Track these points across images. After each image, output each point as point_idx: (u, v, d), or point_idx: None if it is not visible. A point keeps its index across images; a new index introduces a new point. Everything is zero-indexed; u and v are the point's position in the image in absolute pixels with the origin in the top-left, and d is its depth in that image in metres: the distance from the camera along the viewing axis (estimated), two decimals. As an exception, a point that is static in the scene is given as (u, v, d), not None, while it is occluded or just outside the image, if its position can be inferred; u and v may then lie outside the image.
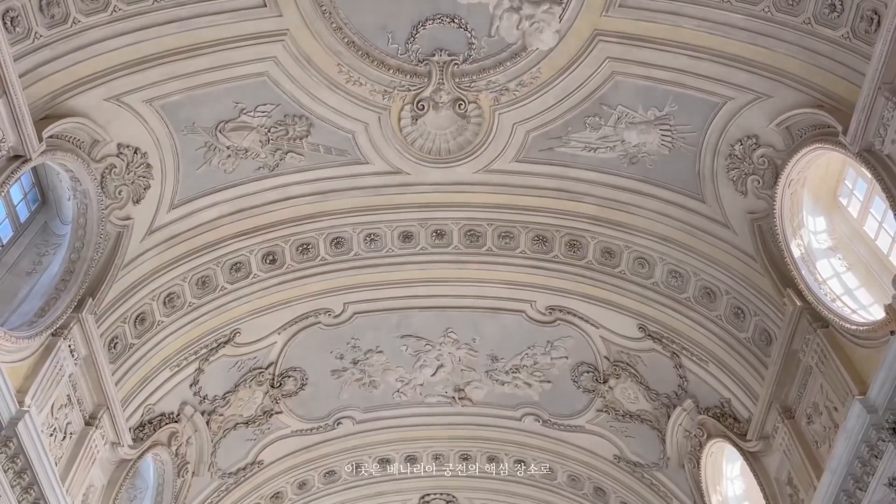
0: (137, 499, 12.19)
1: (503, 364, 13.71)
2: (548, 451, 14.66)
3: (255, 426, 13.53)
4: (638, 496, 14.10)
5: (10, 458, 8.17)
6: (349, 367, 13.63)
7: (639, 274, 11.74)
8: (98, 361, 9.96)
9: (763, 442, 10.80)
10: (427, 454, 15.18)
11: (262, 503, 14.51)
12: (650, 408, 13.01)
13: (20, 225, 9.55)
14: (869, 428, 8.20)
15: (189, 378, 12.05)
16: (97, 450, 10.25)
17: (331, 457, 14.69)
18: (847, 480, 8.61)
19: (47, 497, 8.65)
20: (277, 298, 12.19)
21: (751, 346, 10.86)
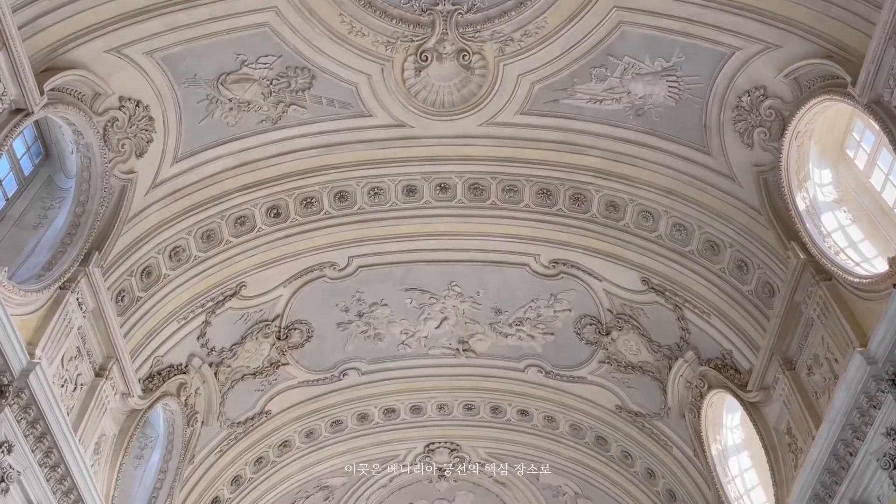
0: (148, 447, 12.47)
1: (507, 317, 13.82)
2: (550, 401, 14.89)
3: (263, 377, 13.74)
4: (639, 445, 14.36)
5: (22, 408, 8.33)
6: (354, 320, 13.76)
7: (643, 227, 11.74)
8: (106, 314, 10.08)
9: (763, 393, 10.95)
10: (431, 404, 15.43)
11: (270, 452, 14.83)
12: (652, 359, 13.15)
13: (24, 179, 9.56)
14: (868, 379, 8.30)
15: (196, 330, 12.19)
16: (108, 400, 10.44)
17: (337, 407, 14.94)
18: (845, 430, 8.75)
19: (60, 446, 8.84)
20: (282, 252, 12.25)
21: (753, 299, 10.92)
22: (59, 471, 9.00)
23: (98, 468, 10.42)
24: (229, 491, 14.52)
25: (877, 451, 8.39)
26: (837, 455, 8.95)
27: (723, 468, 12.36)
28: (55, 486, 9.01)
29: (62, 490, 9.13)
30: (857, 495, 8.84)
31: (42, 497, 8.82)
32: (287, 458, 15.11)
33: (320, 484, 16.12)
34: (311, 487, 16.04)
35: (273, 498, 15.46)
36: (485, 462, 16.41)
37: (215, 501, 14.30)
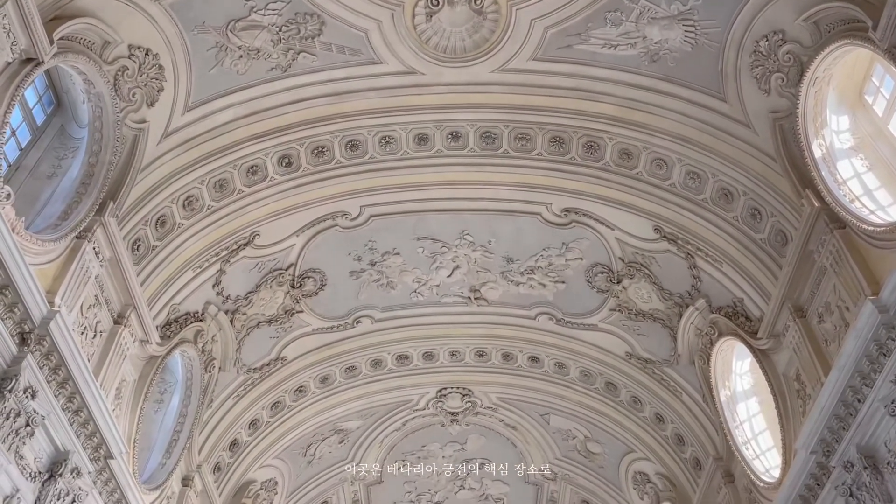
0: (168, 392, 12.77)
1: (518, 265, 13.88)
2: (561, 348, 15.05)
3: (278, 324, 13.94)
4: (648, 390, 14.54)
5: (44, 355, 8.53)
6: (367, 269, 13.86)
7: (656, 175, 11.66)
8: (122, 263, 10.22)
9: (773, 340, 11.02)
10: (444, 351, 15.63)
11: (286, 397, 15.16)
12: (663, 307, 13.22)
13: (37, 128, 9.58)
14: (879, 327, 8.32)
15: (211, 279, 12.35)
16: (127, 347, 10.67)
17: (351, 353, 15.18)
18: (854, 377, 8.81)
19: (82, 391, 9.08)
20: (294, 201, 12.29)
21: (766, 247, 10.89)
22: (82, 415, 9.25)
23: (119, 412, 10.72)
24: (247, 434, 14.92)
25: (885, 398, 8.46)
26: (845, 401, 9.04)
27: (731, 413, 12.53)
28: (79, 429, 9.28)
29: (85, 433, 9.41)
30: (864, 441, 8.94)
31: (66, 440, 9.11)
32: (302, 402, 15.44)
33: (335, 427, 16.50)
34: (326, 431, 16.43)
35: (290, 441, 15.87)
36: (496, 407, 16.68)
37: (234, 444, 14.72)
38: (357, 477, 17.88)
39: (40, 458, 8.77)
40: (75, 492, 9.23)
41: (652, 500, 16.14)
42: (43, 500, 8.68)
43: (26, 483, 8.46)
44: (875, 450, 8.83)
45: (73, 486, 9.18)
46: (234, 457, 14.86)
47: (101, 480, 10.02)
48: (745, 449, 12.26)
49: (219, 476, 14.50)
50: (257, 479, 15.76)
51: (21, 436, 8.28)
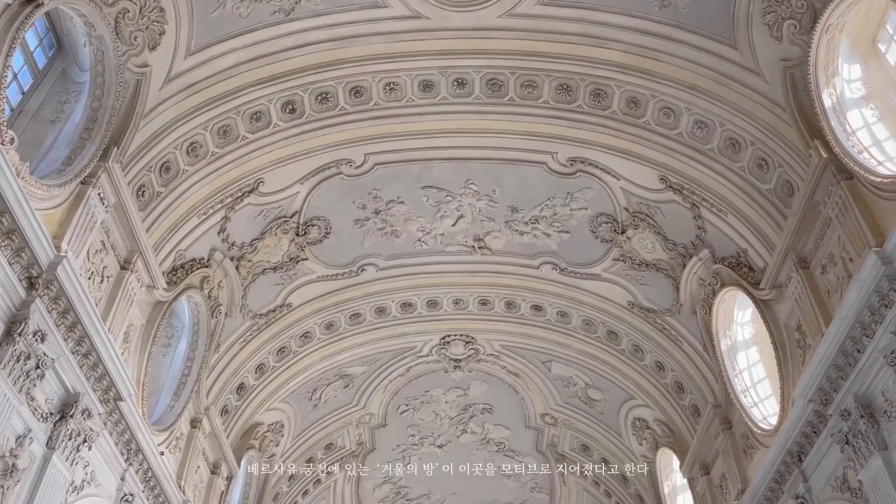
0: (175, 337, 12.95)
1: (523, 215, 13.87)
2: (563, 297, 15.14)
3: (283, 271, 14.04)
4: (649, 339, 14.69)
5: (52, 299, 8.62)
6: (371, 217, 13.87)
7: (663, 124, 11.54)
8: (128, 209, 10.25)
9: (776, 290, 11.07)
10: (447, 299, 15.75)
11: (292, 342, 15.35)
12: (666, 257, 13.24)
13: (39, 72, 9.49)
14: (882, 279, 8.33)
15: (216, 226, 12.38)
16: (134, 292, 10.77)
17: (356, 300, 15.31)
18: (855, 328, 8.87)
19: (90, 335, 9.20)
20: (298, 148, 12.23)
21: (772, 198, 10.84)
22: (91, 358, 9.40)
23: (128, 356, 10.89)
24: (254, 378, 15.18)
25: (884, 349, 8.52)
26: (845, 351, 9.12)
27: (731, 362, 12.68)
28: (88, 372, 9.44)
29: (95, 376, 9.57)
30: (862, 390, 9.05)
31: (76, 383, 9.28)
32: (308, 348, 15.66)
33: (341, 372, 16.77)
34: (331, 375, 16.70)
35: (296, 385, 16.15)
36: (499, 354, 16.89)
37: (241, 388, 14.99)
38: (362, 420, 18.26)
39: (51, 399, 8.95)
40: (86, 432, 9.45)
41: (650, 446, 16.47)
42: (55, 441, 8.88)
43: (38, 424, 8.66)
44: (872, 399, 8.95)
45: (84, 426, 9.39)
46: (242, 400, 15.15)
47: (111, 421, 10.25)
48: (744, 397, 12.44)
49: (226, 418, 14.81)
50: (264, 421, 16.10)
51: (32, 378, 8.44)
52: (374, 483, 20.38)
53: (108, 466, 10.42)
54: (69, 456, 9.13)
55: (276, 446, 16.92)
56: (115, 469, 10.63)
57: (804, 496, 10.51)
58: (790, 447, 10.65)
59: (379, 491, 20.70)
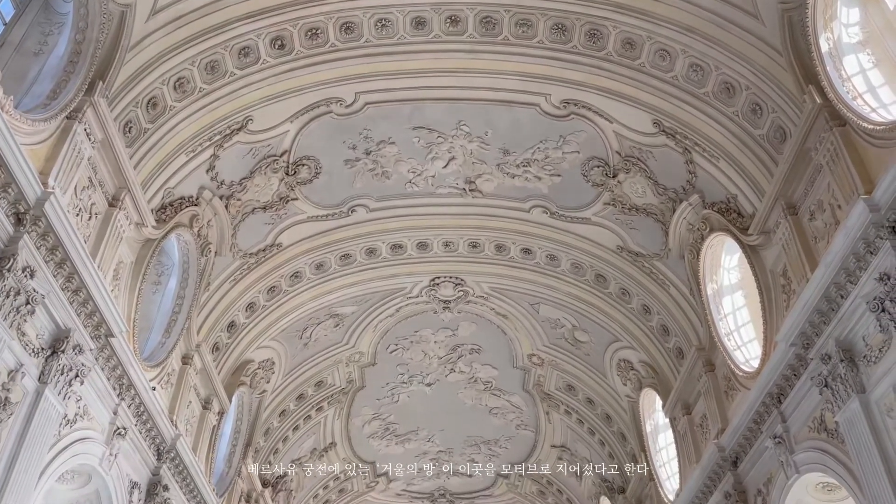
0: (165, 275, 12.97)
1: (514, 157, 13.79)
2: (553, 241, 15.20)
3: (273, 211, 13.98)
4: (637, 283, 14.84)
5: (41, 235, 8.58)
6: (362, 158, 13.76)
7: (659, 67, 11.40)
8: (114, 145, 10.12)
9: (763, 236, 11.17)
10: (437, 241, 15.78)
11: (282, 282, 15.41)
12: (657, 202, 13.27)
13: (20, 2, 9.20)
14: (869, 226, 8.40)
15: (205, 164, 12.26)
16: (122, 230, 10.73)
17: (346, 241, 15.31)
18: (840, 274, 8.98)
19: (80, 271, 9.20)
20: (288, 86, 12.02)
21: (764, 144, 10.83)
22: (81, 295, 9.42)
23: (118, 293, 10.92)
24: (244, 316, 15.28)
25: (867, 295, 8.64)
26: (829, 297, 9.25)
27: (716, 306, 12.86)
28: (78, 308, 9.47)
29: (85, 312, 9.61)
30: (843, 335, 9.22)
31: (67, 319, 9.31)
32: (299, 287, 15.73)
33: (331, 312, 16.90)
34: (322, 315, 16.83)
35: (286, 323, 16.29)
36: (488, 296, 17.03)
37: (231, 325, 15.11)
38: (351, 359, 18.51)
39: (42, 335, 9.00)
40: (78, 367, 9.54)
41: (634, 386, 16.83)
42: (47, 375, 8.98)
43: (29, 358, 8.73)
44: (853, 344, 9.13)
45: (76, 362, 9.48)
46: (232, 338, 15.29)
47: (102, 357, 10.35)
48: (728, 340, 12.67)
49: (217, 355, 14.97)
50: (255, 359, 16.30)
51: (22, 313, 8.47)
52: (363, 419, 20.80)
53: (100, 401, 10.57)
54: (61, 390, 9.24)
55: (266, 383, 17.18)
56: (108, 403, 10.78)
57: (782, 436, 10.82)
58: (770, 389, 10.91)
59: (368, 427, 21.15)
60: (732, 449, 12.26)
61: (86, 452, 10.22)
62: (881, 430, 8.60)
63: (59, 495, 10.76)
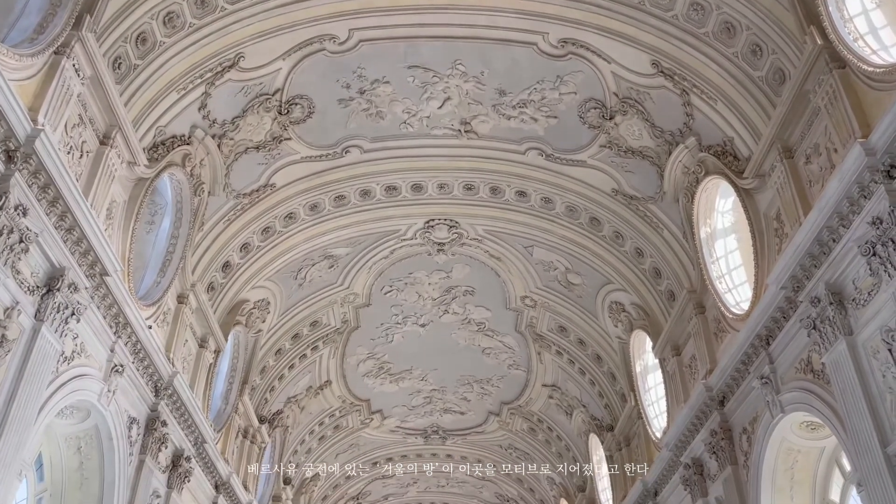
0: (159, 214, 12.93)
1: (510, 98, 13.63)
2: (548, 184, 15.16)
3: (266, 151, 13.86)
4: (631, 226, 14.88)
5: (32, 173, 8.51)
6: (356, 97, 13.57)
7: (659, 6, 11.18)
8: (104, 81, 9.94)
9: (759, 180, 11.17)
10: (432, 183, 15.71)
11: (276, 223, 15.39)
12: (653, 144, 13.20)
13: (1, -69, 8.91)
14: (864, 170, 8.39)
15: (197, 101, 12.08)
16: (114, 168, 10.64)
17: (340, 182, 15.23)
18: (833, 218, 9.01)
19: (73, 210, 9.15)
20: (280, 22, 11.76)
21: (762, 86, 10.72)
22: (75, 233, 9.40)
23: (112, 232, 10.90)
24: (239, 257, 15.31)
25: (859, 239, 8.69)
26: (821, 241, 9.31)
27: (709, 249, 12.95)
28: (72, 247, 9.46)
29: (80, 251, 9.60)
30: (834, 279, 9.31)
31: (61, 257, 9.31)
32: (293, 228, 15.72)
33: (325, 253, 16.93)
34: (316, 256, 16.88)
35: (281, 264, 16.34)
36: (482, 238, 17.07)
37: (226, 266, 15.15)
38: (346, 300, 18.65)
39: (37, 273, 9.02)
40: (74, 305, 9.59)
41: (625, 328, 17.06)
42: (43, 313, 9.03)
43: (25, 296, 8.76)
44: (843, 287, 9.23)
45: (72, 300, 9.52)
46: (227, 278, 15.36)
47: (98, 296, 10.40)
48: (719, 283, 12.80)
49: (213, 295, 15.06)
50: (250, 299, 16.40)
51: (16, 251, 8.46)
52: (358, 358, 21.09)
53: (97, 339, 10.67)
54: (58, 328, 9.31)
55: (262, 322, 17.33)
56: (105, 341, 10.89)
57: (769, 376, 11.04)
58: (759, 331, 11.08)
59: (363, 366, 21.46)
60: (720, 389, 12.52)
61: (84, 389, 10.37)
62: (866, 371, 8.78)
63: (59, 430, 10.97)
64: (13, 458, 8.43)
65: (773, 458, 11.23)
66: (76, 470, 11.26)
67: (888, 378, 8.40)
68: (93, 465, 11.26)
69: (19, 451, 8.56)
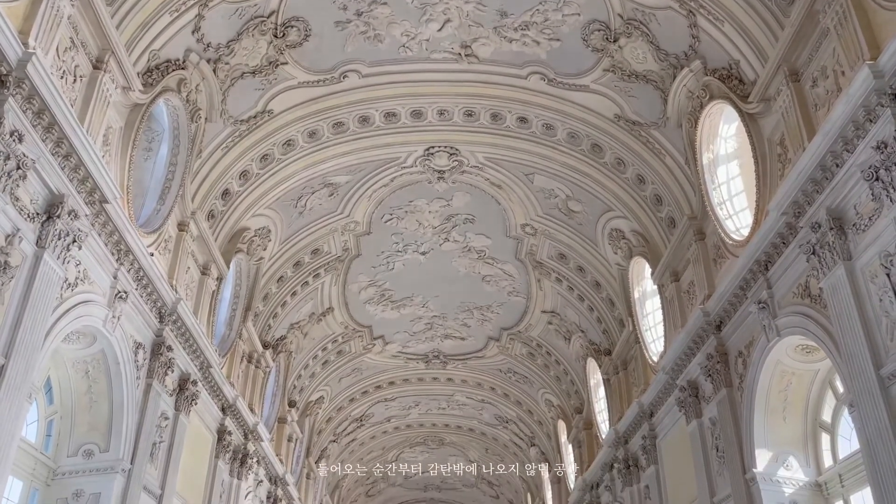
0: (156, 141, 12.80)
1: (512, 20, 13.29)
2: (550, 109, 14.95)
3: (262, 76, 13.60)
4: (633, 152, 14.75)
5: (26, 98, 8.37)
6: (353, 19, 13.22)
7: (666, -80, 10.77)
8: (94, 2, 9.67)
9: (763, 104, 11.00)
10: (432, 109, 15.49)
11: (275, 150, 15.26)
12: (657, 68, 12.94)
13: None
14: (871, 93, 8.24)
15: (190, 24, 11.77)
16: (109, 93, 10.47)
17: (338, 108, 15.02)
18: (837, 142, 8.90)
19: (69, 136, 9.05)
20: (274, -61, 11.37)
21: (770, 6, 10.41)
22: (72, 160, 9.32)
23: (109, 159, 10.82)
24: (238, 184, 15.25)
25: (863, 164, 8.61)
26: (824, 166, 9.23)
27: (711, 176, 12.87)
28: (70, 174, 9.40)
29: (78, 178, 9.55)
30: (835, 204, 9.27)
31: (60, 184, 9.26)
32: (292, 156, 15.59)
33: (325, 181, 16.86)
34: (316, 184, 16.80)
35: (280, 192, 16.29)
36: (482, 166, 16.95)
37: (226, 193, 15.10)
38: (347, 228, 18.68)
39: (36, 200, 8.99)
40: (75, 233, 9.60)
41: (625, 255, 17.15)
42: (44, 239, 9.05)
43: (25, 223, 8.76)
44: (844, 212, 9.21)
45: (72, 227, 9.52)
46: (227, 205, 15.34)
47: (98, 223, 10.41)
48: (720, 209, 12.78)
49: (213, 223, 15.08)
50: (251, 226, 16.43)
51: (14, 178, 8.42)
52: (359, 286, 21.29)
53: (99, 266, 10.74)
54: (60, 255, 9.35)
55: (263, 250, 17.42)
56: (107, 268, 10.96)
57: (766, 301, 11.15)
58: (758, 257, 11.14)
59: (364, 293, 21.69)
60: (717, 314, 12.67)
61: (88, 315, 10.50)
62: (864, 295, 8.85)
63: (66, 354, 11.18)
64: (22, 382, 8.60)
65: (768, 380, 11.47)
66: (85, 393, 11.54)
67: (885, 302, 8.48)
68: (101, 388, 11.53)
69: (28, 375, 8.73)
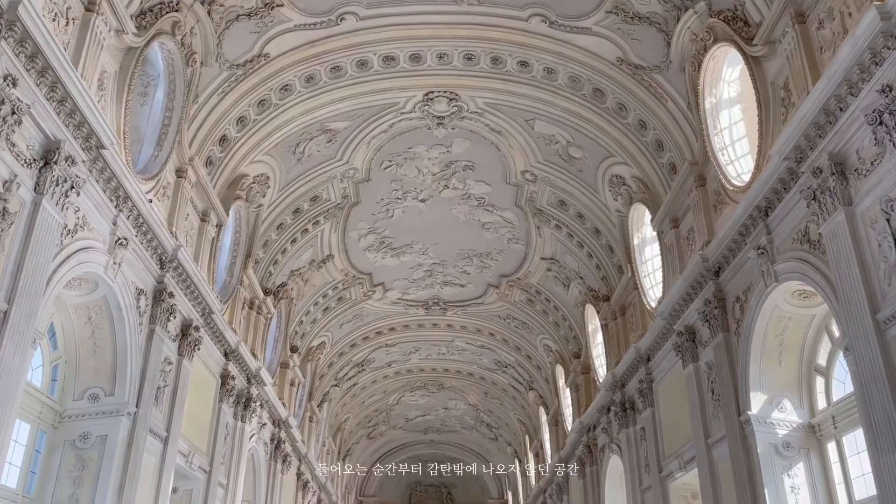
0: (151, 86, 12.62)
1: (513, -41, 12.97)
2: (551, 53, 14.70)
3: (258, 18, 13.32)
4: (634, 97, 14.57)
5: (18, 42, 8.22)
6: (350, -41, 12.91)
7: None
8: (84, -58, 9.43)
9: (768, 47, 10.82)
10: (431, 53, 15.23)
11: (272, 95, 15.05)
12: (661, 10, 12.67)
13: None
14: (878, 34, 8.10)
15: (183, -36, 11.51)
16: (103, 37, 10.27)
17: (336, 52, 14.76)
18: (842, 86, 8.78)
19: (63, 80, 8.91)
20: None
21: (779, -56, 10.16)
22: (68, 105, 9.20)
23: (105, 104, 10.69)
24: (236, 130, 15.09)
25: (867, 108, 8.52)
26: (828, 110, 9.13)
27: (713, 121, 12.74)
28: (66, 119, 9.29)
29: (74, 124, 9.44)
30: (838, 149, 9.20)
31: (56, 130, 9.17)
32: (289, 101, 15.39)
33: (323, 127, 16.69)
34: (314, 130, 16.64)
35: (278, 138, 16.14)
36: (482, 112, 16.76)
37: (223, 139, 14.97)
38: (346, 175, 18.59)
39: (32, 146, 8.92)
40: (73, 179, 9.55)
41: (625, 201, 17.11)
42: (42, 186, 9.01)
43: (23, 169, 8.71)
44: (846, 157, 9.15)
45: (70, 173, 9.47)
46: (225, 152, 15.22)
47: (96, 169, 10.34)
48: (721, 155, 12.70)
49: (211, 169, 14.98)
50: (249, 173, 16.34)
51: (9, 124, 8.33)
52: (359, 233, 21.31)
53: (98, 212, 10.72)
54: (59, 201, 9.33)
55: (262, 197, 17.36)
56: (106, 215, 10.94)
57: (765, 247, 11.18)
58: (759, 202, 11.11)
59: (364, 241, 21.72)
60: (716, 260, 12.71)
61: (89, 261, 10.53)
62: (863, 240, 8.86)
63: (69, 301, 11.26)
64: (26, 327, 8.68)
65: (765, 324, 11.59)
66: (88, 339, 11.67)
67: (884, 247, 8.50)
68: (104, 334, 11.65)
69: (31, 321, 8.81)
